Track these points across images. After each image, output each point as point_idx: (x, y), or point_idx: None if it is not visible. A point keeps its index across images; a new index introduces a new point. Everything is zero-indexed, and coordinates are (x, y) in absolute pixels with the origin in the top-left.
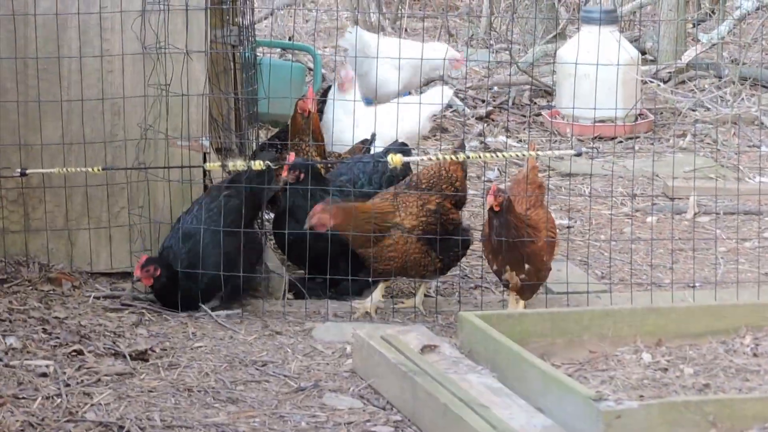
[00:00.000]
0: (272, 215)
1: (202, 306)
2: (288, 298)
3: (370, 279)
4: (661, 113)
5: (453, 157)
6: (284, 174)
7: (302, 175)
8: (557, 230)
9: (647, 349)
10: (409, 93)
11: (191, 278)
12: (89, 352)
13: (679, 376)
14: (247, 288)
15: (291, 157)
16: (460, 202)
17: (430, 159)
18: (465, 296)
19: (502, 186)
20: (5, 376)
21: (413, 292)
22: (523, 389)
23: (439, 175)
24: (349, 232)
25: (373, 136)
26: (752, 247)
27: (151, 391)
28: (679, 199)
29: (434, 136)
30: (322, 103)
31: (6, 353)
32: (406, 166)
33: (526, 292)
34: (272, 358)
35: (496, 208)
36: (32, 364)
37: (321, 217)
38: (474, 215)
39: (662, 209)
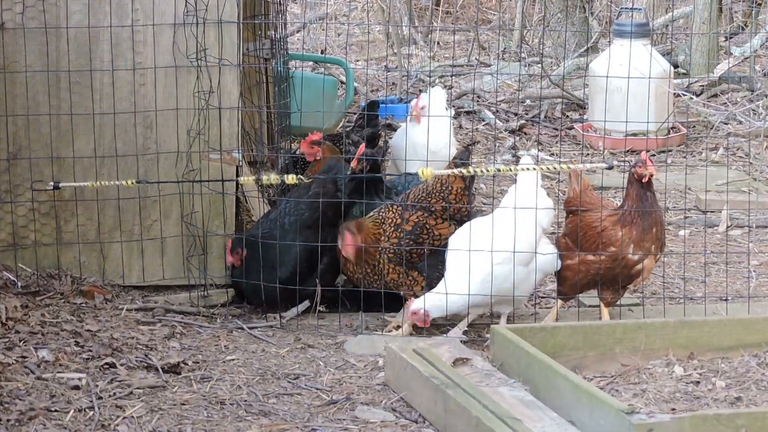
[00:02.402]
0: None
1: (291, 310)
2: (320, 311)
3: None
4: (694, 126)
5: (485, 170)
6: (354, 164)
7: (368, 167)
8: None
9: (679, 362)
10: None
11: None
12: (121, 364)
13: (711, 389)
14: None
15: (361, 148)
16: (458, 216)
17: (461, 171)
18: None
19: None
20: (38, 388)
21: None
22: (555, 402)
23: (432, 190)
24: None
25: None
26: None
27: (183, 404)
28: (712, 212)
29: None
30: (361, 118)
31: (38, 366)
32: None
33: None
34: (304, 371)
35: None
36: (65, 376)
37: (349, 240)
38: None
39: (695, 222)
